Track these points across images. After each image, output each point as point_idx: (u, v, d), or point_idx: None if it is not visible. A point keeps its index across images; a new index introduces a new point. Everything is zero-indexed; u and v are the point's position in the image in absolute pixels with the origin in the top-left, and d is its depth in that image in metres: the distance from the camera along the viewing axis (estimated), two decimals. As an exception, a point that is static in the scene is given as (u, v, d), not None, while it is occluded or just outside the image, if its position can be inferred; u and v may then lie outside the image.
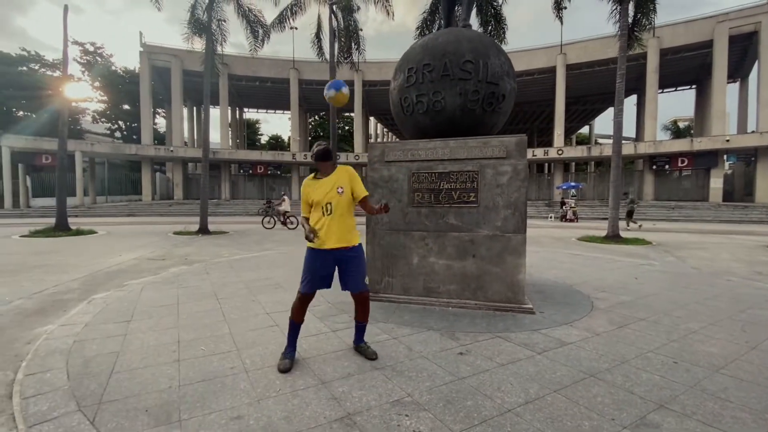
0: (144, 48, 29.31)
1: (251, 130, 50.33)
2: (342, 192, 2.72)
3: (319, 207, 2.73)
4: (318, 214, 2.74)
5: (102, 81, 36.18)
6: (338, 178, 2.75)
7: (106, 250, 8.98)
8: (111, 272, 6.26)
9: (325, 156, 2.76)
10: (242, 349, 3.06)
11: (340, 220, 2.72)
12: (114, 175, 34.45)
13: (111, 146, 29.94)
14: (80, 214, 22.80)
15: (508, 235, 4.17)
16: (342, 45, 13.99)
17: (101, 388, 2.43)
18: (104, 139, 36.27)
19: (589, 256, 8.30)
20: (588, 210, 26.34)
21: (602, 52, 27.73)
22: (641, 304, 4.42)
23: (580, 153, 30.89)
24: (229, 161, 32.13)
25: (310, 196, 2.76)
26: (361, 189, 2.80)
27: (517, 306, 4.09)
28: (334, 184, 2.72)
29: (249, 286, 5.24)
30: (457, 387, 2.46)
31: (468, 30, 4.92)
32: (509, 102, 4.70)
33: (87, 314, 3.95)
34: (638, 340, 3.28)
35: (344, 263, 2.77)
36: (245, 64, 30.84)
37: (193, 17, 12.40)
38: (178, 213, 25.40)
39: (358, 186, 2.79)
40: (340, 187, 2.72)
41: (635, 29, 11.82)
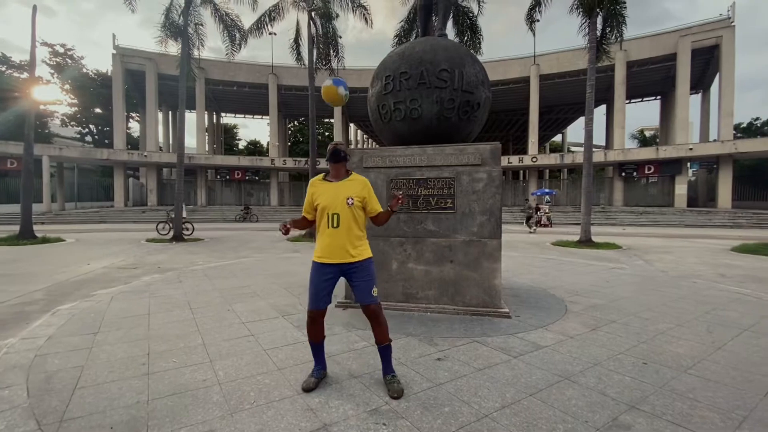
0: (117, 50, 28.44)
1: (229, 135, 49.45)
2: (352, 204, 2.46)
3: (324, 214, 2.48)
4: (323, 222, 2.49)
5: (72, 83, 34.84)
6: (351, 188, 2.50)
7: (73, 258, 8.58)
8: (78, 282, 5.99)
9: (335, 156, 2.50)
10: (215, 361, 2.98)
11: (348, 234, 2.47)
12: (84, 181, 33.07)
13: (81, 151, 28.75)
14: (47, 222, 21.75)
15: (484, 240, 4.23)
16: (321, 51, 14.00)
17: (63, 405, 2.31)
18: (74, 143, 34.80)
19: (562, 261, 8.53)
20: (561, 216, 27.10)
21: (573, 64, 28.80)
22: (612, 307, 4.56)
23: (553, 160, 31.86)
24: (206, 167, 31.45)
25: (316, 198, 2.53)
26: (375, 204, 2.58)
27: (494, 310, 4.15)
28: (345, 194, 2.47)
29: (224, 294, 5.11)
30: (435, 393, 2.47)
31: (444, 39, 5.02)
32: (484, 110, 4.80)
33: (51, 326, 3.76)
34: (610, 342, 3.38)
35: (350, 274, 2.54)
36: (223, 69, 30.39)
37: (167, 20, 12.14)
38: (151, 219, 24.54)
39: (372, 200, 2.57)
40: (350, 198, 2.46)
41: (603, 42, 12.34)
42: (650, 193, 30.46)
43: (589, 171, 12.60)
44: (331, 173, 2.59)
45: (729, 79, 25.41)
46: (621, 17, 12.01)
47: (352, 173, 2.61)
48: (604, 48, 12.65)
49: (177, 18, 12.30)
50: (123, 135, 29.23)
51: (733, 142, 25.06)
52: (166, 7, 12.09)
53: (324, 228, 2.51)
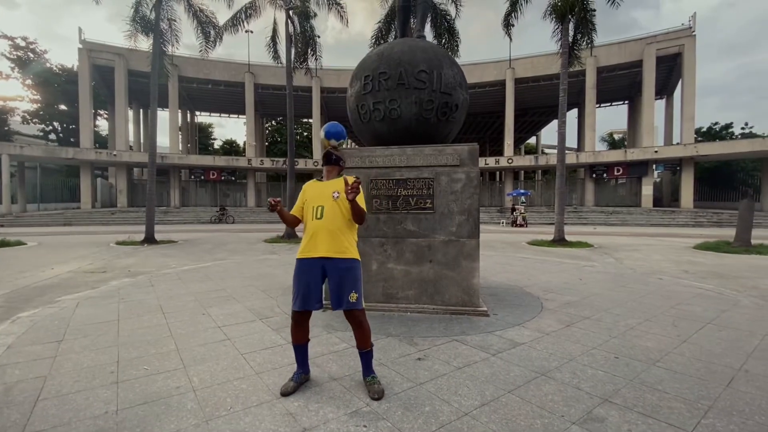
0: (83, 45, 27.16)
1: (203, 135, 48.15)
2: (338, 197, 2.46)
3: (309, 207, 2.52)
4: (308, 216, 2.52)
5: (35, 79, 33.03)
6: (338, 185, 2.53)
7: (36, 262, 8.13)
8: (41, 287, 5.67)
9: (327, 159, 2.63)
10: (190, 366, 2.88)
11: (332, 226, 2.45)
12: (48, 181, 31.41)
13: (45, 149, 27.28)
14: (7, 224, 20.54)
15: (463, 240, 4.29)
16: (299, 50, 13.83)
17: (24, 418, 2.17)
18: (36, 141, 33.02)
19: (537, 259, 8.74)
20: (536, 215, 27.81)
21: (547, 68, 29.62)
22: (585, 304, 4.71)
23: (528, 162, 32.63)
24: (179, 166, 30.49)
25: (305, 194, 2.61)
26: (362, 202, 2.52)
27: (473, 309, 4.21)
28: (331, 189, 2.52)
29: (199, 298, 4.96)
30: (416, 393, 2.47)
31: (422, 41, 5.06)
32: (462, 112, 4.86)
33: (10, 335, 3.54)
34: (583, 338, 3.48)
35: (331, 274, 2.46)
36: (197, 66, 29.57)
37: (137, 14, 11.70)
38: (122, 221, 23.64)
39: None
40: (336, 192, 2.48)
41: (575, 48, 12.77)
42: (619, 194, 31.69)
43: (563, 172, 13.00)
44: (324, 175, 2.67)
45: (690, 85, 26.76)
46: (591, 24, 12.45)
47: (343, 175, 2.62)
48: (575, 53, 13.08)
49: (148, 12, 11.88)
50: (90, 133, 27.95)
51: (694, 145, 26.40)
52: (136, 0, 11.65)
53: (308, 221, 2.52)
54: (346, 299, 2.44)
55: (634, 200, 29.82)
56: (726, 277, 6.72)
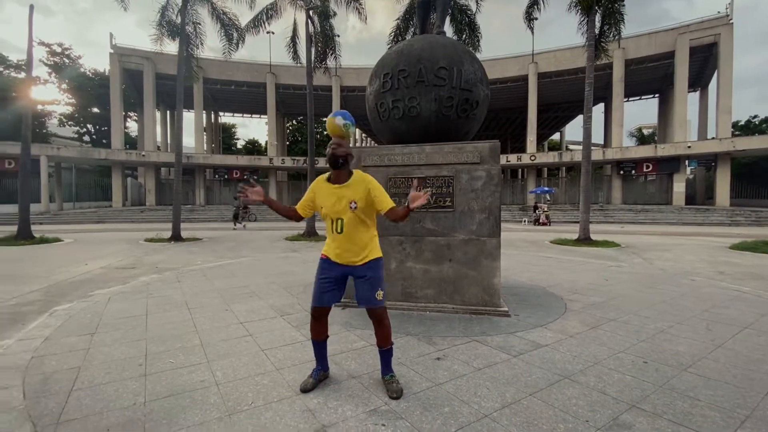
0: (114, 50, 28.30)
1: (227, 135, 49.33)
2: (355, 208, 2.35)
3: (328, 219, 2.44)
4: (328, 226, 2.47)
5: (70, 83, 34.66)
6: (354, 191, 2.36)
7: (71, 258, 8.55)
8: (76, 282, 5.96)
9: (333, 163, 2.38)
10: (213, 361, 2.96)
11: (352, 239, 2.41)
12: (82, 181, 32.95)
13: (79, 150, 28.63)
14: (46, 222, 21.66)
15: (483, 238, 4.22)
16: (318, 50, 13.94)
17: (60, 407, 2.28)
18: (72, 143, 34.66)
19: (561, 259, 8.52)
20: (560, 214, 27.13)
21: (572, 62, 28.77)
22: (612, 305, 4.56)
23: (551, 159, 31.87)
24: (204, 166, 31.37)
25: (317, 200, 2.47)
26: (384, 201, 2.38)
27: (493, 309, 4.14)
28: (348, 198, 2.36)
29: (222, 295, 5.08)
30: (435, 393, 2.45)
31: (442, 37, 4.99)
32: (483, 108, 4.78)
33: (47, 327, 3.73)
34: (610, 341, 3.37)
35: (357, 276, 2.48)
36: (221, 68, 30.29)
37: (163, 18, 12.08)
38: (150, 219, 24.53)
39: (379, 196, 2.38)
40: (353, 202, 2.35)
41: (601, 40, 12.33)
42: (648, 191, 30.48)
43: (588, 169, 12.61)
44: (332, 176, 2.49)
45: (727, 76, 25.42)
46: (619, 15, 12.01)
47: (354, 173, 2.45)
48: (602, 46, 12.63)
49: (174, 16, 12.24)
50: (121, 135, 29.13)
51: (731, 139, 25.08)
52: (162, 5, 12.04)
53: (329, 231, 2.48)
54: (372, 297, 2.45)
55: (664, 198, 28.64)
56: (765, 279, 6.36)
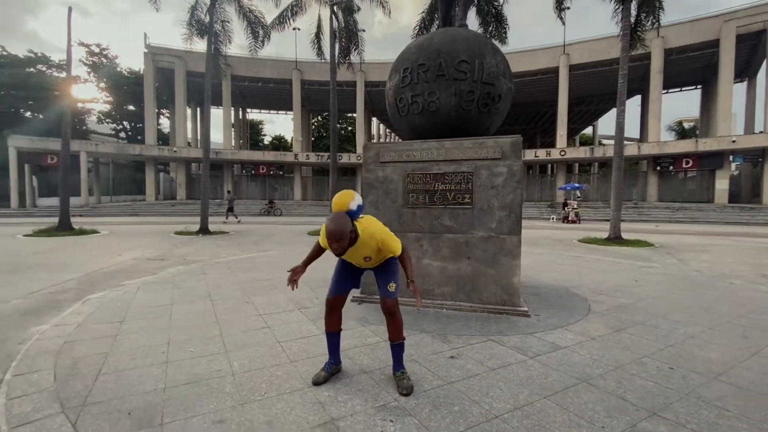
0: (148, 49, 29.45)
1: (254, 131, 50.45)
2: (370, 260, 2.47)
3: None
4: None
5: (107, 82, 36.43)
6: (365, 249, 2.37)
7: (106, 249, 9.02)
8: (109, 272, 6.28)
9: (340, 238, 2.19)
10: (231, 351, 3.04)
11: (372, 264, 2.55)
12: (119, 175, 34.69)
13: (115, 146, 30.11)
14: (85, 214, 22.96)
15: (503, 236, 4.12)
16: (342, 45, 13.99)
17: (86, 390, 2.41)
18: (109, 139, 36.50)
19: (589, 258, 8.22)
20: (591, 211, 26.16)
21: (606, 53, 27.51)
22: (639, 308, 4.36)
23: (582, 154, 30.71)
24: (232, 161, 32.23)
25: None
26: (391, 245, 2.42)
27: (512, 308, 4.05)
28: (362, 254, 2.41)
29: (244, 287, 5.22)
30: (446, 392, 2.42)
31: (464, 30, 4.88)
32: (505, 102, 4.65)
33: (80, 314, 3.95)
34: (634, 345, 3.22)
35: (375, 270, 2.57)
36: (248, 65, 30.92)
37: (193, 17, 12.45)
38: (180, 213, 25.51)
39: (387, 245, 2.40)
40: (367, 257, 2.44)
41: (638, 29, 11.73)
42: (688, 189, 28.86)
43: (620, 164, 12.09)
44: None
45: (778, 65, 23.61)
46: (658, 2, 11.37)
47: (359, 234, 2.32)
48: (638, 35, 12.03)
49: (203, 15, 12.59)
50: (154, 131, 30.36)
51: (781, 133, 23.33)
52: (192, 4, 12.40)
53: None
54: (384, 288, 2.51)
55: (705, 195, 27.04)
56: (814, 284, 5.89)
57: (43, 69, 33.35)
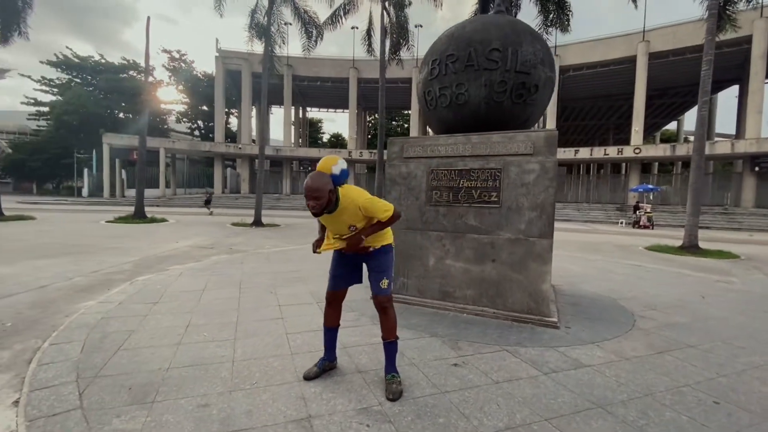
0: (219, 53, 31.91)
1: (314, 129, 52.51)
2: (355, 229, 2.33)
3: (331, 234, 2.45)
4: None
5: (185, 85, 40.19)
6: (348, 216, 2.27)
7: (167, 236, 9.92)
8: (162, 257, 6.87)
9: (317, 196, 2.13)
10: (239, 339, 3.14)
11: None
12: (192, 170, 38.18)
13: (188, 143, 33.16)
14: (161, 204, 25.57)
15: (533, 239, 3.79)
16: (393, 42, 13.93)
17: (103, 363, 2.63)
18: (184, 137, 40.31)
19: (651, 268, 7.33)
20: (669, 216, 23.51)
21: (695, 37, 24.35)
22: (697, 328, 3.76)
23: (661, 152, 27.65)
24: (291, 158, 33.83)
25: (323, 221, 2.43)
26: (375, 211, 2.26)
27: (539, 318, 3.71)
28: (345, 222, 2.30)
29: (275, 277, 5.40)
30: (436, 401, 2.27)
31: (499, 16, 4.56)
32: (544, 93, 4.26)
33: (124, 294, 4.35)
34: (676, 371, 2.78)
35: (368, 261, 2.48)
36: (308, 65, 32.16)
37: (253, 21, 13.18)
38: (243, 206, 27.34)
39: (371, 212, 2.26)
40: (352, 226, 2.31)
41: (728, 8, 10.17)
42: (794, 193, 24.70)
43: (700, 164, 10.62)
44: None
45: None
46: (755, -25, 9.78)
47: (340, 199, 2.24)
48: (728, 15, 10.44)
49: (261, 18, 13.28)
50: (222, 129, 32.87)
51: None
52: (252, 9, 13.14)
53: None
54: (376, 285, 2.43)
55: (817, 202, 22.97)
56: None
57: (134, 74, 37.63)
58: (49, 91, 39.12)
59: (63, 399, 2.18)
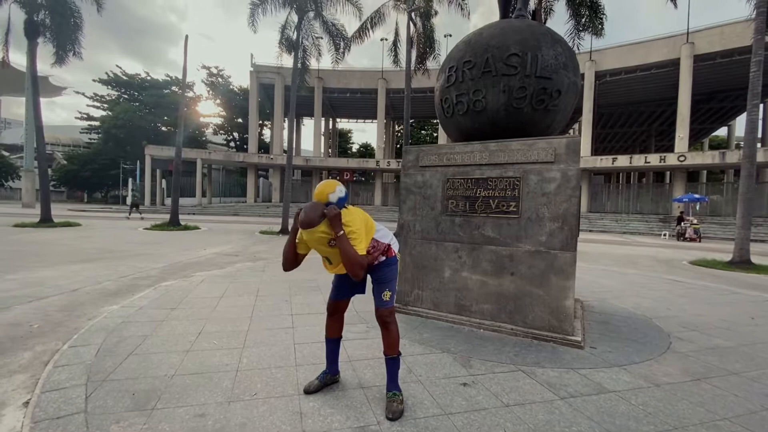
0: (253, 67, 33.28)
1: (343, 139, 53.43)
2: (335, 244, 2.13)
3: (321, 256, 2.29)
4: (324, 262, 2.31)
5: (222, 99, 42.15)
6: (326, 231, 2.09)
7: (197, 244, 10.27)
8: (188, 264, 7.10)
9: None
10: (247, 347, 3.13)
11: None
12: (228, 180, 39.74)
13: (224, 154, 34.64)
14: (196, 213, 26.71)
15: (554, 252, 3.58)
16: (420, 51, 13.96)
17: (113, 367, 2.68)
18: (220, 148, 42.16)
19: (693, 285, 6.77)
20: (718, 228, 21.88)
21: (743, 38, 22.81)
22: (742, 353, 3.39)
23: (709, 159, 25.83)
24: (320, 168, 34.47)
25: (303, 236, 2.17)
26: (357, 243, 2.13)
27: (561, 336, 3.47)
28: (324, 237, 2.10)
29: (291, 286, 5.42)
30: (438, 423, 2.13)
31: (518, 20, 4.41)
32: (568, 98, 4.06)
33: (147, 299, 4.49)
34: (714, 401, 2.49)
35: (370, 272, 2.37)
36: (338, 77, 32.90)
37: (283, 36, 13.64)
38: (273, 214, 28.06)
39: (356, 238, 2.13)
40: (331, 240, 2.13)
41: (780, 4, 9.42)
42: None
43: (751, 172, 9.83)
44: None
45: None
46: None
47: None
48: (781, 11, 9.65)
49: (291, 33, 13.71)
50: (256, 140, 34.07)
51: None
52: (282, 24, 13.60)
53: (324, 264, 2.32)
54: (378, 297, 2.35)
55: None
56: None
57: (176, 89, 39.94)
58: (100, 106, 42.27)
59: (70, 402, 2.23)
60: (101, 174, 40.57)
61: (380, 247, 2.35)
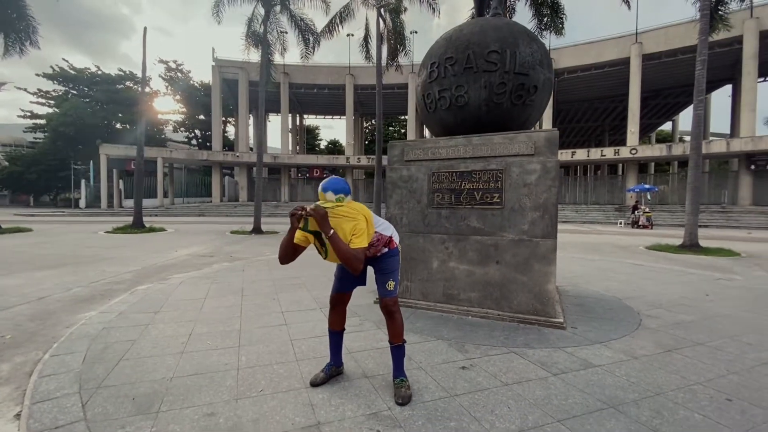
0: (215, 62, 32.03)
1: (311, 136, 52.63)
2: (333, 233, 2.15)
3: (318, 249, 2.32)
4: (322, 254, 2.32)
5: (182, 94, 40.28)
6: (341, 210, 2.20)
7: (167, 246, 9.85)
8: (162, 266, 6.82)
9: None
10: (243, 346, 3.09)
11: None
12: (191, 179, 38.11)
13: (186, 153, 33.14)
14: (159, 214, 25.47)
15: (536, 240, 3.77)
16: (391, 47, 14.02)
17: (105, 374, 2.58)
18: (182, 146, 40.27)
19: (653, 267, 7.33)
20: (667, 216, 23.59)
21: (687, 38, 24.65)
22: (704, 326, 3.75)
23: (658, 152, 27.79)
24: (288, 165, 33.84)
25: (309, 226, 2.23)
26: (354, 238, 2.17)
27: (545, 319, 3.68)
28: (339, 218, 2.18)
29: (276, 284, 5.36)
30: (446, 404, 2.23)
31: (495, 19, 4.59)
32: (543, 94, 4.27)
33: (125, 304, 4.30)
34: (686, 369, 2.75)
35: (374, 264, 2.43)
36: (304, 73, 32.33)
37: (249, 29, 13.25)
38: (241, 214, 27.28)
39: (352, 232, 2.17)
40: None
41: (719, 8, 10.30)
42: (790, 190, 24.84)
43: (698, 162, 10.68)
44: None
45: None
46: (745, -25, 9.91)
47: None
48: (720, 15, 10.56)
49: (258, 27, 13.34)
50: (220, 138, 32.88)
51: None
52: (248, 17, 13.20)
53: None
54: (382, 287, 2.40)
55: (813, 198, 23.10)
56: None
57: (131, 85, 37.72)
58: (45, 103, 39.12)
59: (66, 411, 2.13)
60: (49, 176, 37.65)
61: (383, 239, 2.41)
